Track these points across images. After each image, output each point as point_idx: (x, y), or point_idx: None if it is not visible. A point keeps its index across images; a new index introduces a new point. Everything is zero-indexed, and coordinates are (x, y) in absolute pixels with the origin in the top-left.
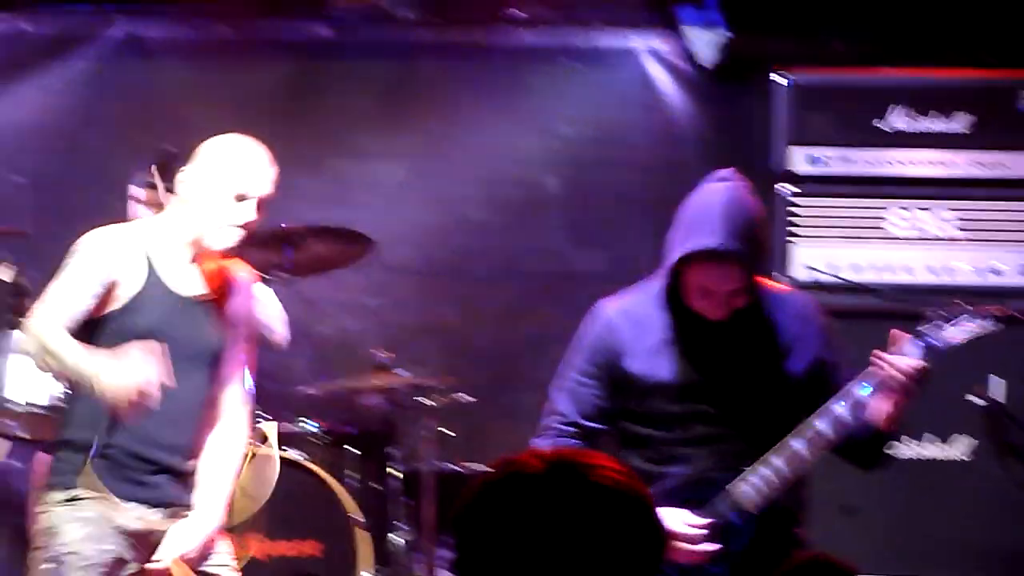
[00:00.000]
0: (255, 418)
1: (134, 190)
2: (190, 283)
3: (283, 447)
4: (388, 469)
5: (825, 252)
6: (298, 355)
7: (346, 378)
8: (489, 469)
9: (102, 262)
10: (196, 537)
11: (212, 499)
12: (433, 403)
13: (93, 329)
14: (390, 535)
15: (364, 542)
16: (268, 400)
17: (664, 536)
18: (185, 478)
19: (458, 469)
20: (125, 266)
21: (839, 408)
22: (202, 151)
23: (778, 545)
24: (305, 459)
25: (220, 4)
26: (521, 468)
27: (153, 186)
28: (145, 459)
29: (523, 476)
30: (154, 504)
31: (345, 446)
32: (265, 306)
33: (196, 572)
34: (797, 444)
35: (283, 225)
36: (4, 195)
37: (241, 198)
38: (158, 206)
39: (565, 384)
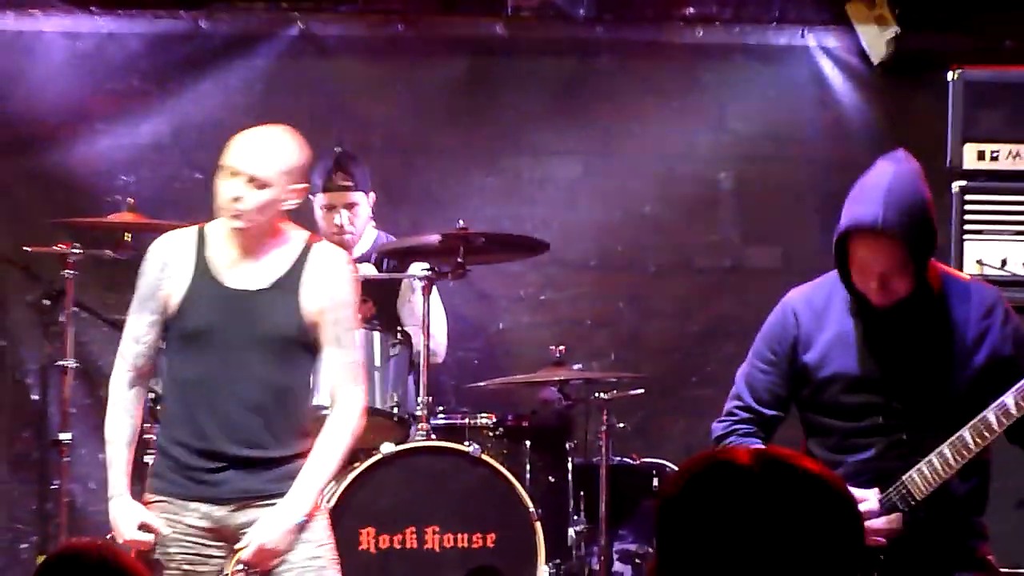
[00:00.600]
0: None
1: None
2: (243, 274)
3: (460, 441)
4: (564, 462)
5: (996, 247)
6: (475, 349)
7: (522, 372)
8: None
9: (150, 285)
10: (277, 527)
11: (300, 487)
12: (607, 397)
13: (165, 336)
14: (566, 528)
15: (539, 534)
16: (445, 394)
17: (862, 531)
18: (263, 466)
19: (631, 462)
20: (171, 276)
21: (1008, 399)
22: None
23: (953, 534)
24: (481, 452)
25: (395, 1)
26: (730, 460)
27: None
28: (208, 454)
29: (732, 467)
30: (219, 501)
31: (520, 439)
32: (430, 313)
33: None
34: (965, 434)
35: (460, 229)
36: (182, 190)
37: (234, 174)
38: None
39: (746, 369)
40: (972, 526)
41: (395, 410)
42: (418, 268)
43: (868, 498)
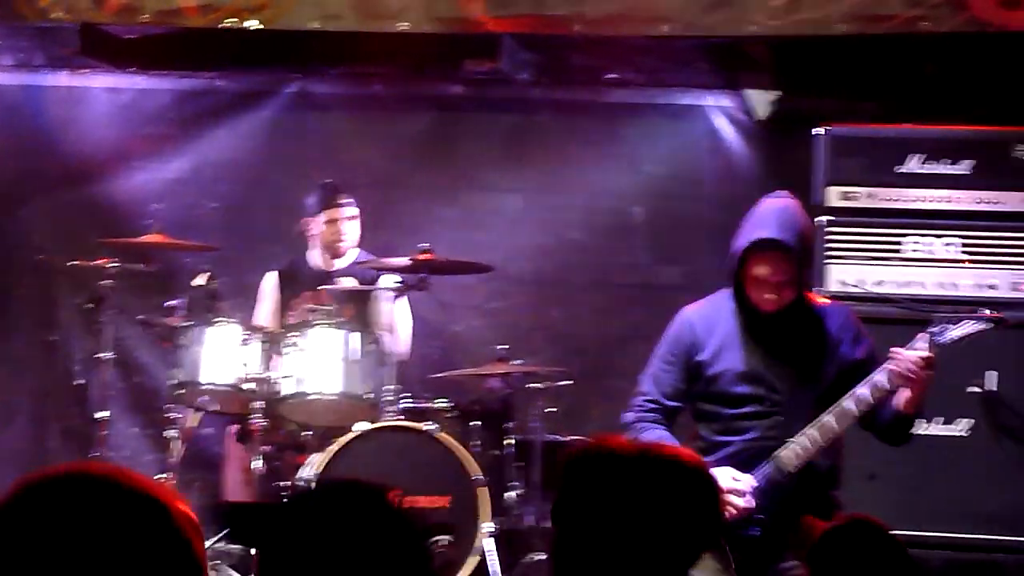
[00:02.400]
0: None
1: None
2: None
3: (422, 421)
4: (505, 439)
5: (854, 270)
6: (435, 348)
7: (472, 366)
8: (584, 439)
9: None
10: None
11: None
12: (541, 386)
13: None
14: (506, 492)
15: (484, 497)
16: (411, 383)
17: (717, 503)
18: None
19: (560, 439)
20: None
21: (862, 390)
22: None
23: (816, 502)
24: (438, 431)
25: (375, 66)
26: (609, 447)
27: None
28: None
29: (612, 453)
30: None
31: (471, 420)
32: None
33: None
34: (828, 418)
35: (424, 251)
36: (201, 217)
37: None
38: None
39: (650, 370)
40: (831, 498)
41: (369, 396)
42: (389, 281)
43: (741, 480)
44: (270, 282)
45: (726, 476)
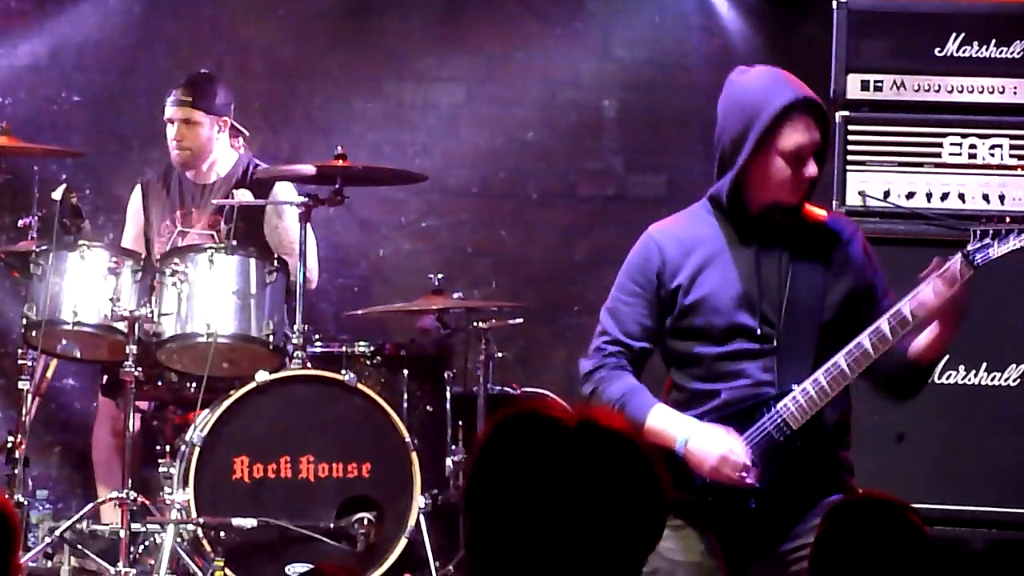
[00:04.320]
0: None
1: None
2: None
3: (336, 370)
4: (442, 392)
5: (879, 178)
6: (353, 278)
7: (401, 300)
8: (542, 392)
9: None
10: None
11: None
12: (486, 326)
13: None
14: (444, 459)
15: (415, 465)
16: (324, 322)
17: (664, 492)
18: None
19: (511, 391)
20: None
21: (884, 325)
22: None
23: (823, 466)
24: (357, 381)
25: None
26: (542, 413)
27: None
28: None
29: (543, 421)
30: None
31: (399, 369)
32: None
33: None
34: (841, 360)
35: (337, 158)
36: (61, 113)
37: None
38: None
39: (610, 305)
40: (840, 460)
41: (271, 338)
42: (284, 192)
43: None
44: (135, 200)
45: (719, 439)
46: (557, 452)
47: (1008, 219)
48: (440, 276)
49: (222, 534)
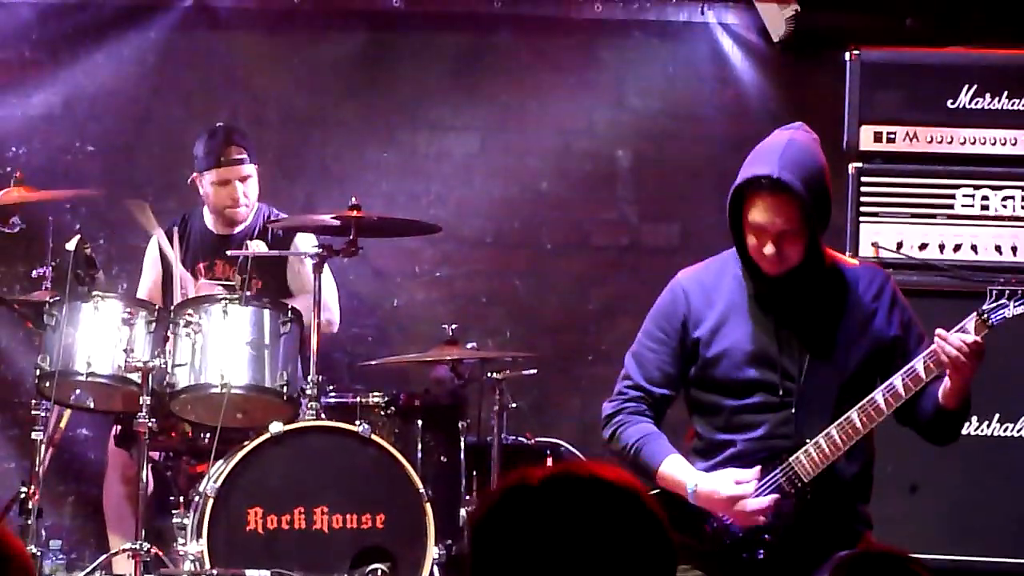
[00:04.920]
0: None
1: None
2: None
3: (351, 420)
4: (456, 441)
5: (892, 229)
6: (368, 328)
7: (415, 350)
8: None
9: None
10: None
11: None
12: (500, 376)
13: None
14: (459, 508)
15: (429, 515)
16: (338, 372)
17: (666, 531)
18: None
19: (525, 441)
20: None
21: (897, 380)
22: None
23: (838, 519)
24: (371, 432)
25: None
26: (518, 482)
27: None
28: None
29: (519, 489)
30: None
31: (412, 418)
32: (322, 289)
33: None
34: (854, 415)
35: (352, 208)
36: (75, 162)
37: None
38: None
39: (635, 349)
40: (858, 513)
41: (285, 389)
42: (304, 241)
43: (748, 480)
44: (153, 248)
45: (726, 482)
46: (530, 515)
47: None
48: (454, 326)
49: None
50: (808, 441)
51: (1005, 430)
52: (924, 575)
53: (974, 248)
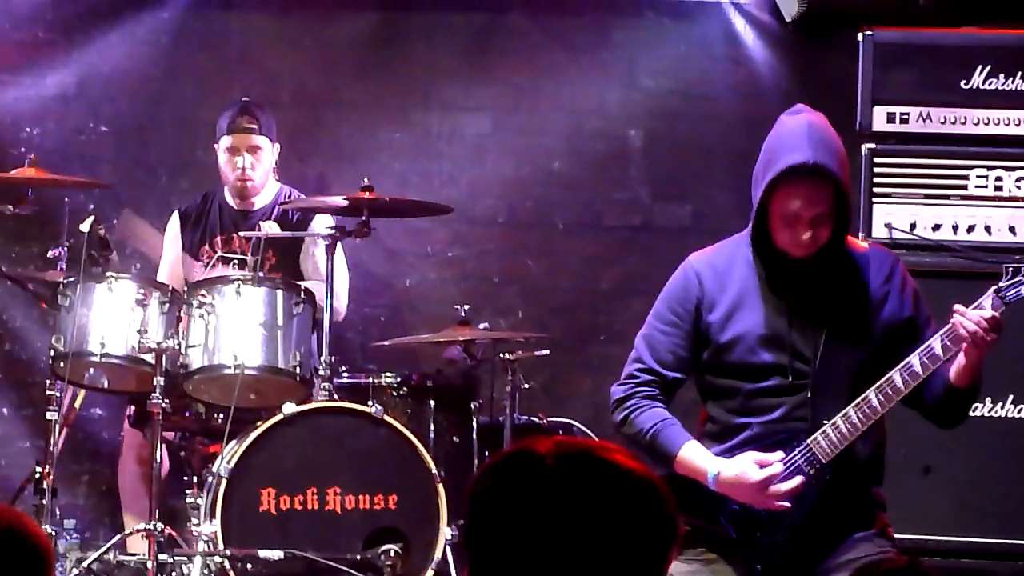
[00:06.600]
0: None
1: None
2: None
3: (363, 401)
4: (468, 422)
5: (905, 210)
6: (380, 308)
7: (428, 330)
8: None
9: None
10: None
11: None
12: (512, 357)
13: None
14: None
15: (442, 496)
16: (350, 352)
17: (675, 520)
18: None
19: (538, 421)
20: None
21: (914, 360)
22: None
23: (855, 501)
24: (383, 413)
25: None
26: (528, 451)
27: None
28: None
29: (529, 458)
30: None
31: (425, 399)
32: (334, 271)
33: None
34: (872, 396)
35: (364, 189)
36: (89, 143)
37: None
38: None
39: (646, 332)
40: (872, 495)
41: (298, 369)
42: (322, 223)
43: (772, 462)
44: (173, 227)
45: (752, 467)
46: (538, 486)
47: None
48: (466, 307)
49: (249, 566)
50: (826, 422)
51: (1019, 412)
52: None
53: (987, 229)
